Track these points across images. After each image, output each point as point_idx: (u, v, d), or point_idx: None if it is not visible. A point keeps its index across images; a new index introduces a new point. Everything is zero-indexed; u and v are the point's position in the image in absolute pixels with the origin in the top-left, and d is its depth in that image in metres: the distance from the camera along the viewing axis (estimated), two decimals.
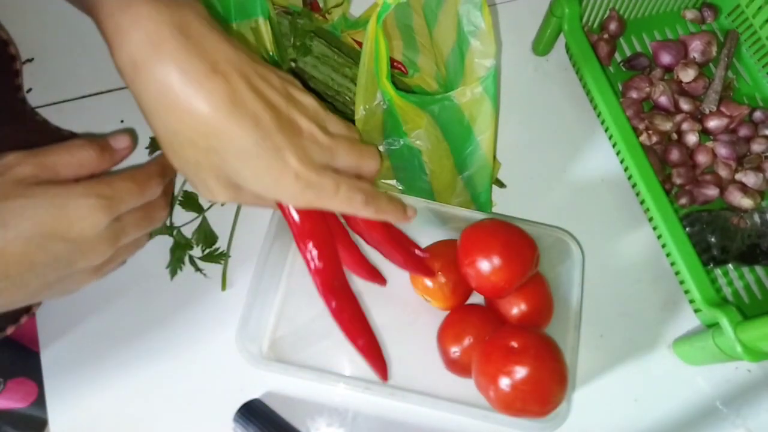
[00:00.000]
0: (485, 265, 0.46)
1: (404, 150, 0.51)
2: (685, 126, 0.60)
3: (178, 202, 0.55)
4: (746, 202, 0.57)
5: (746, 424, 0.51)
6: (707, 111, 0.61)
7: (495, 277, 0.46)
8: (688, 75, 0.62)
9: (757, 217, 0.57)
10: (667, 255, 0.54)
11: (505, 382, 0.42)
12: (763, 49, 0.63)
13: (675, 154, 0.58)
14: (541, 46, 0.64)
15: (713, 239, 0.55)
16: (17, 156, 0.36)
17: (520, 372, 0.42)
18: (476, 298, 0.52)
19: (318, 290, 0.40)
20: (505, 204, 0.57)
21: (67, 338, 0.51)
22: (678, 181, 0.58)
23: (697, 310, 0.51)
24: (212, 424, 0.49)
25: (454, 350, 0.47)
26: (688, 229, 0.56)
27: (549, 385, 0.43)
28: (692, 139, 0.60)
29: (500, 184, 0.58)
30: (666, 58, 0.63)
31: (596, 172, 0.60)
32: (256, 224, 0.54)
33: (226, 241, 0.54)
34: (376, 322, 0.50)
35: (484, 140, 0.47)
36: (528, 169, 0.59)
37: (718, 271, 0.56)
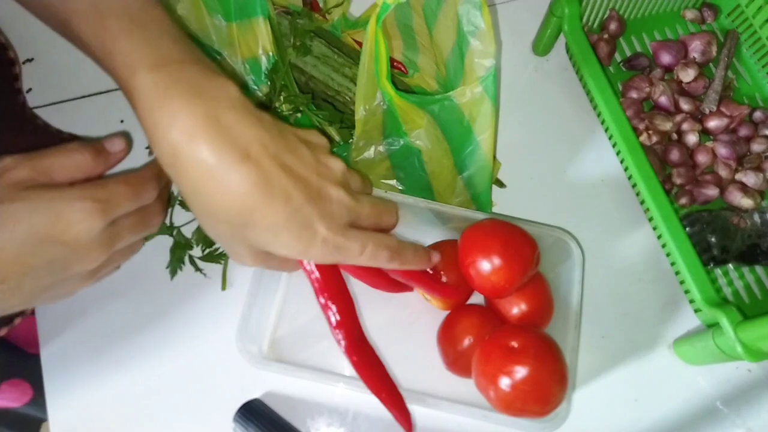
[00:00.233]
0: (485, 265, 0.46)
1: (404, 150, 0.51)
2: (685, 126, 0.60)
3: (177, 202, 0.55)
4: (746, 202, 0.57)
5: (746, 424, 0.51)
6: (707, 111, 0.61)
7: (495, 277, 0.46)
8: (688, 75, 0.62)
9: (757, 217, 0.57)
10: (667, 255, 0.54)
11: (505, 382, 0.42)
12: (763, 49, 0.63)
13: (675, 154, 0.58)
14: (541, 46, 0.64)
15: (713, 239, 0.55)
16: (13, 159, 0.36)
17: (520, 372, 0.42)
18: (477, 298, 0.52)
19: (339, 345, 0.41)
20: (504, 204, 0.57)
21: (67, 338, 0.51)
22: (678, 181, 0.58)
23: (697, 310, 0.51)
24: (212, 424, 0.49)
25: (454, 350, 0.47)
26: (688, 229, 0.56)
27: (549, 385, 0.43)
28: (692, 139, 0.60)
29: (500, 184, 0.58)
30: (666, 58, 0.63)
31: (596, 172, 0.60)
32: None
33: None
34: (376, 321, 0.51)
35: (484, 140, 0.47)
36: (528, 169, 0.59)
37: (718, 271, 0.56)
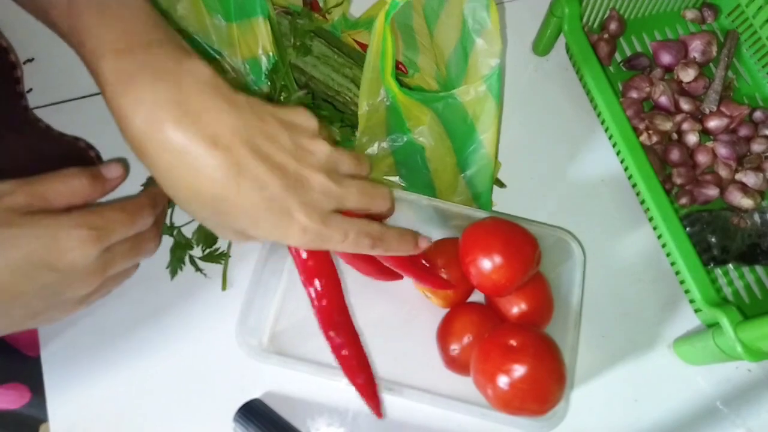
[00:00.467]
0: (486, 264, 0.46)
1: (407, 147, 0.51)
2: (686, 126, 0.60)
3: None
4: (746, 202, 0.57)
5: (746, 424, 0.51)
6: (707, 111, 0.61)
7: (496, 276, 0.46)
8: (688, 75, 0.62)
9: (757, 217, 0.57)
10: (668, 255, 0.54)
11: (503, 381, 0.42)
12: (763, 49, 0.63)
13: (675, 154, 0.58)
14: (542, 46, 0.64)
15: (713, 239, 0.55)
16: (10, 184, 0.36)
17: (519, 370, 0.42)
18: (477, 297, 0.52)
19: (320, 326, 0.40)
20: (504, 204, 0.57)
21: (67, 338, 0.51)
22: (678, 181, 0.58)
23: (697, 310, 0.51)
24: (212, 424, 0.49)
25: (454, 348, 0.47)
26: (688, 229, 0.56)
27: (547, 384, 0.43)
28: (692, 139, 0.60)
29: (500, 183, 0.58)
30: (666, 58, 0.63)
31: (596, 172, 0.60)
32: None
33: (226, 241, 0.54)
34: (375, 318, 0.51)
35: (487, 139, 0.47)
36: (528, 169, 0.59)
37: (719, 271, 0.56)
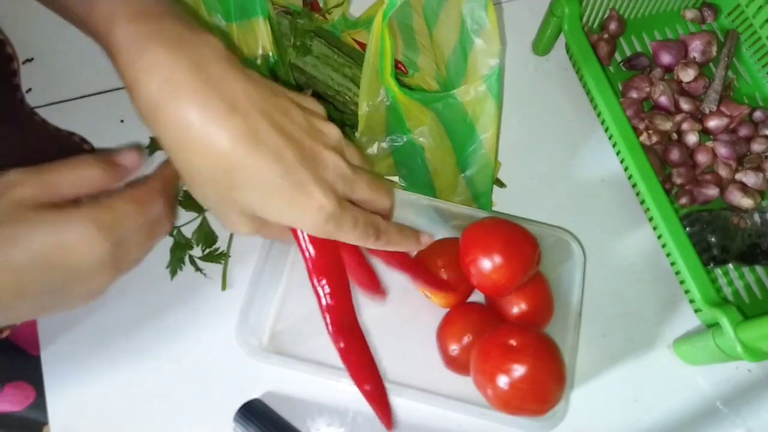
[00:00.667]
0: (486, 263, 0.46)
1: (407, 147, 0.51)
2: (685, 126, 0.60)
3: (178, 202, 0.55)
4: (746, 202, 0.57)
5: (746, 424, 0.51)
6: (707, 111, 0.61)
7: (496, 275, 0.46)
8: (688, 75, 0.62)
9: (757, 217, 0.57)
10: (667, 255, 0.54)
11: (503, 380, 0.42)
12: (763, 49, 0.63)
13: (675, 154, 0.58)
14: (541, 46, 0.64)
15: (713, 239, 0.55)
16: (19, 174, 0.34)
17: (519, 370, 0.42)
18: (477, 297, 0.52)
19: (327, 329, 0.38)
20: (504, 204, 0.57)
21: (67, 338, 0.51)
22: (678, 180, 0.58)
23: (697, 310, 0.51)
24: (212, 424, 0.49)
25: (454, 348, 0.47)
26: (688, 228, 0.56)
27: (547, 384, 0.43)
28: (692, 138, 0.60)
29: (500, 183, 0.58)
30: (666, 58, 0.63)
31: (596, 172, 0.60)
32: None
33: (226, 241, 0.54)
34: (376, 318, 0.50)
35: (487, 139, 0.47)
36: (528, 169, 0.59)
37: (719, 271, 0.56)
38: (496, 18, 0.42)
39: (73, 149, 0.56)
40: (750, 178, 0.58)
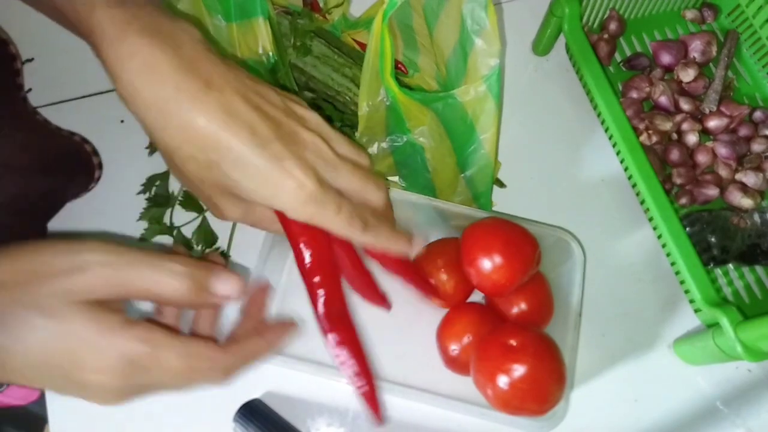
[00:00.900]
0: (486, 263, 0.46)
1: (407, 147, 0.51)
2: (685, 126, 0.60)
3: (178, 201, 0.55)
4: (746, 202, 0.57)
5: (746, 424, 0.51)
6: (707, 111, 0.61)
7: (496, 275, 0.46)
8: (688, 75, 0.62)
9: (757, 217, 0.57)
10: (667, 255, 0.54)
11: (503, 380, 0.42)
12: (763, 49, 0.63)
13: (675, 154, 0.58)
14: (541, 46, 0.64)
15: (713, 239, 0.55)
16: (94, 255, 0.30)
17: (518, 370, 0.42)
18: (477, 297, 0.52)
19: (317, 318, 0.37)
20: (504, 204, 0.57)
21: None
22: (678, 180, 0.58)
23: (697, 310, 0.51)
24: (212, 424, 0.49)
25: (454, 348, 0.47)
26: (688, 228, 0.56)
27: (547, 384, 0.43)
28: (692, 139, 0.60)
29: (500, 183, 0.58)
30: (666, 58, 0.63)
31: (596, 172, 0.60)
32: None
33: (226, 241, 0.54)
34: (376, 317, 0.50)
35: (487, 139, 0.47)
36: (528, 169, 0.59)
37: (718, 271, 0.56)
38: (496, 18, 0.42)
39: (75, 149, 0.57)
40: (750, 178, 0.58)
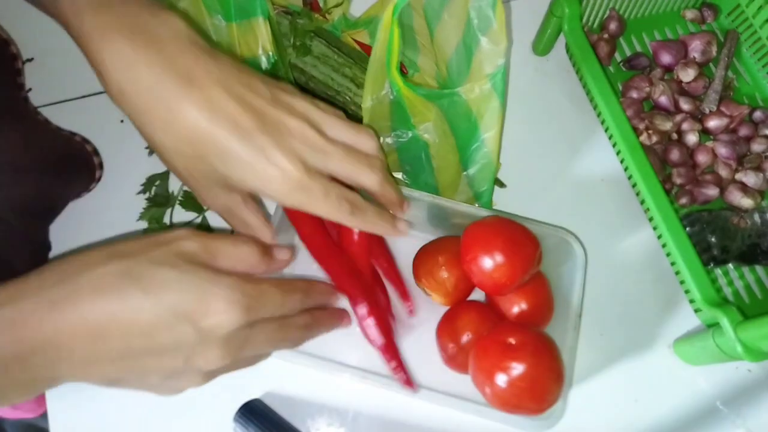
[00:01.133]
0: (487, 262, 0.46)
1: (412, 142, 0.51)
2: (685, 126, 0.60)
3: (178, 201, 0.55)
4: (746, 202, 0.57)
5: (746, 424, 0.51)
6: (707, 111, 0.61)
7: (497, 274, 0.46)
8: (688, 75, 0.62)
9: (757, 217, 0.57)
10: (667, 255, 0.54)
11: (501, 379, 0.42)
12: (763, 49, 0.63)
13: (675, 154, 0.58)
14: (541, 46, 0.64)
15: (713, 239, 0.55)
16: (186, 231, 0.35)
17: (517, 369, 0.42)
18: (477, 295, 0.52)
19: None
20: (504, 204, 0.57)
21: None
22: (678, 180, 0.58)
23: (697, 310, 0.51)
24: (212, 424, 0.49)
25: (453, 346, 0.47)
26: (688, 228, 0.56)
27: (545, 383, 0.43)
28: (692, 138, 0.60)
29: (500, 183, 0.58)
30: (666, 58, 0.63)
31: (596, 172, 0.60)
32: None
33: None
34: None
35: (490, 138, 0.47)
36: (528, 169, 0.59)
37: (719, 271, 0.56)
38: (503, 17, 0.42)
39: (76, 149, 0.57)
40: (750, 178, 0.58)
